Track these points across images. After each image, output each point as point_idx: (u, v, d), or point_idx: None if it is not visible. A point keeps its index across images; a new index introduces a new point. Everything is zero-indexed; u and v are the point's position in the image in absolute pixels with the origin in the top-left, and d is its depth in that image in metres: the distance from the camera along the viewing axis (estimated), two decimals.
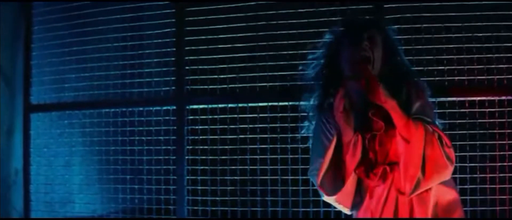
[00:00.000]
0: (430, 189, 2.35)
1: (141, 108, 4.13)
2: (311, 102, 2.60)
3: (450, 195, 2.42)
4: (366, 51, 2.38)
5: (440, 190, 2.38)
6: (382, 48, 2.44)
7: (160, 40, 4.08)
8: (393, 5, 3.63)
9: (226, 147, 3.90)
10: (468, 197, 3.52)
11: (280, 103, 3.79)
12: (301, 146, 3.59)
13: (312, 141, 2.61)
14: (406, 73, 2.51)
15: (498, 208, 3.51)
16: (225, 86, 3.92)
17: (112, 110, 4.19)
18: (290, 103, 3.71)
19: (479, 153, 3.55)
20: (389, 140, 2.39)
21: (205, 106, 3.97)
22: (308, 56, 2.64)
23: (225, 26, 3.88)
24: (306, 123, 2.64)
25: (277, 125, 3.79)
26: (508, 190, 3.52)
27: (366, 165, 2.40)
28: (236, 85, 3.89)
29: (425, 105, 2.41)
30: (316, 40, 2.66)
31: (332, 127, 2.47)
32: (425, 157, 2.29)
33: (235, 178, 3.87)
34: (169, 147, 4.02)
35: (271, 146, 3.78)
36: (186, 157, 3.99)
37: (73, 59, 4.31)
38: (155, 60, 4.09)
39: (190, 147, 3.99)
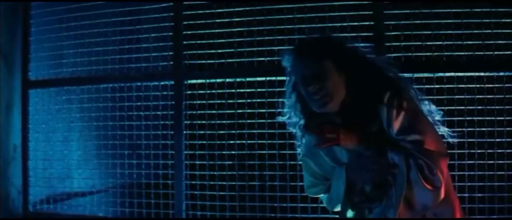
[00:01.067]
0: None
1: (139, 84, 4.13)
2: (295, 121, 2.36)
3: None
4: (316, 94, 2.12)
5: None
6: (340, 72, 2.13)
7: (157, 15, 4.07)
8: None
9: (224, 121, 3.90)
10: (466, 173, 3.53)
11: (278, 78, 3.78)
12: None
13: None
14: (380, 89, 2.12)
15: (496, 183, 3.51)
16: (223, 61, 3.91)
17: (110, 85, 4.20)
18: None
19: (477, 129, 3.54)
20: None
21: (203, 81, 3.97)
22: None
23: (223, 0, 3.87)
24: (297, 142, 2.43)
25: (275, 100, 3.78)
26: (506, 165, 3.53)
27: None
28: (234, 60, 3.89)
29: (409, 120, 2.09)
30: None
31: None
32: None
33: (233, 152, 3.88)
34: (167, 122, 4.02)
35: (269, 120, 3.78)
36: (184, 132, 3.99)
37: (71, 35, 4.31)
38: (153, 35, 4.08)
39: (188, 122, 3.99)
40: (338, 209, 2.31)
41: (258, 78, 3.84)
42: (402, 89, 2.15)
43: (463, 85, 3.57)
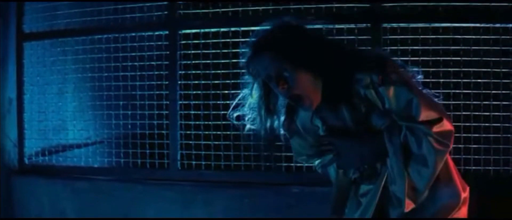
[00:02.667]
0: None
1: (133, 34, 4.10)
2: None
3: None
4: (289, 90, 1.99)
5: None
6: (302, 68, 1.98)
7: None
8: None
9: (219, 71, 3.88)
10: (461, 124, 3.54)
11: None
12: None
13: None
14: (359, 70, 1.98)
15: (491, 135, 3.52)
16: (218, 10, 3.88)
17: (105, 36, 4.17)
18: None
19: (473, 80, 3.53)
20: None
21: (198, 31, 3.94)
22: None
23: None
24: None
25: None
26: (502, 117, 3.52)
27: None
28: (228, 9, 3.86)
29: (401, 92, 1.97)
30: None
31: None
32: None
33: (228, 102, 3.86)
34: (161, 72, 4.01)
35: None
36: (179, 82, 3.98)
37: None
38: None
39: (183, 72, 3.98)
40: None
41: (253, 28, 3.78)
42: (380, 64, 1.99)
43: (459, 36, 3.54)
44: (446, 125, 1.97)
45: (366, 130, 2.05)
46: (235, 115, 2.26)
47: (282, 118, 2.20)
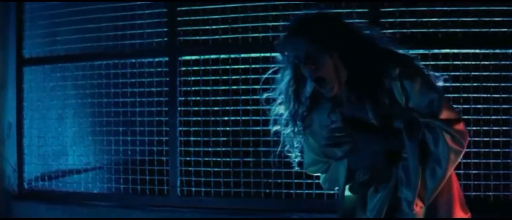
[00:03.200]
0: None
1: (133, 60, 4.12)
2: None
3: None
4: (315, 72, 2.09)
5: None
6: (331, 53, 2.08)
7: None
8: None
9: (219, 98, 3.89)
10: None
11: (273, 54, 3.75)
12: None
13: None
14: (386, 64, 2.07)
15: (491, 161, 3.51)
16: (218, 37, 3.89)
17: (105, 62, 4.19)
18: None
19: (473, 106, 3.54)
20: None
21: (198, 57, 3.95)
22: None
23: None
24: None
25: (270, 76, 3.76)
26: (501, 143, 3.52)
27: None
28: (228, 36, 3.87)
29: (425, 90, 2.04)
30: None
31: None
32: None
33: (228, 129, 3.87)
34: (161, 99, 4.02)
35: (264, 95, 3.75)
36: (179, 108, 3.99)
37: (65, 12, 4.28)
38: (147, 11, 4.05)
39: (183, 98, 3.99)
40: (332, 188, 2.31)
41: (253, 55, 3.82)
42: (408, 62, 2.10)
43: (459, 62, 3.55)
44: (463, 127, 2.03)
45: (385, 127, 2.09)
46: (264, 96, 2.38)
47: (302, 109, 2.27)
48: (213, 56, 3.92)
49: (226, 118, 3.86)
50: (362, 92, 2.11)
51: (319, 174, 2.47)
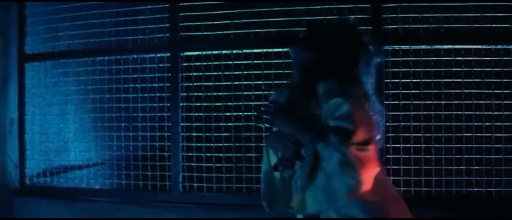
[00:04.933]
0: None
1: (135, 56, 4.11)
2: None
3: None
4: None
5: None
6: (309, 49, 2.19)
7: None
8: None
9: (221, 93, 3.89)
10: (463, 145, 3.54)
11: (275, 50, 3.77)
12: None
13: None
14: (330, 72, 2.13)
15: (493, 156, 3.51)
16: (220, 32, 3.89)
17: (106, 57, 4.17)
18: (285, 49, 3.68)
19: (475, 101, 3.53)
20: None
21: (200, 53, 3.95)
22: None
23: None
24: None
25: (272, 72, 3.78)
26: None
27: None
28: (230, 32, 3.86)
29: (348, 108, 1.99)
30: None
31: None
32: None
33: (229, 124, 3.87)
34: (163, 94, 4.01)
35: (265, 92, 3.77)
36: (181, 104, 3.98)
37: (67, 7, 4.27)
38: (149, 7, 4.05)
39: (185, 94, 3.98)
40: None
41: (255, 50, 3.82)
42: (353, 76, 2.11)
43: (461, 58, 3.55)
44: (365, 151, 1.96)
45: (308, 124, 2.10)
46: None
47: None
48: (215, 52, 3.91)
49: (228, 114, 3.86)
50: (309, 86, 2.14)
51: None
